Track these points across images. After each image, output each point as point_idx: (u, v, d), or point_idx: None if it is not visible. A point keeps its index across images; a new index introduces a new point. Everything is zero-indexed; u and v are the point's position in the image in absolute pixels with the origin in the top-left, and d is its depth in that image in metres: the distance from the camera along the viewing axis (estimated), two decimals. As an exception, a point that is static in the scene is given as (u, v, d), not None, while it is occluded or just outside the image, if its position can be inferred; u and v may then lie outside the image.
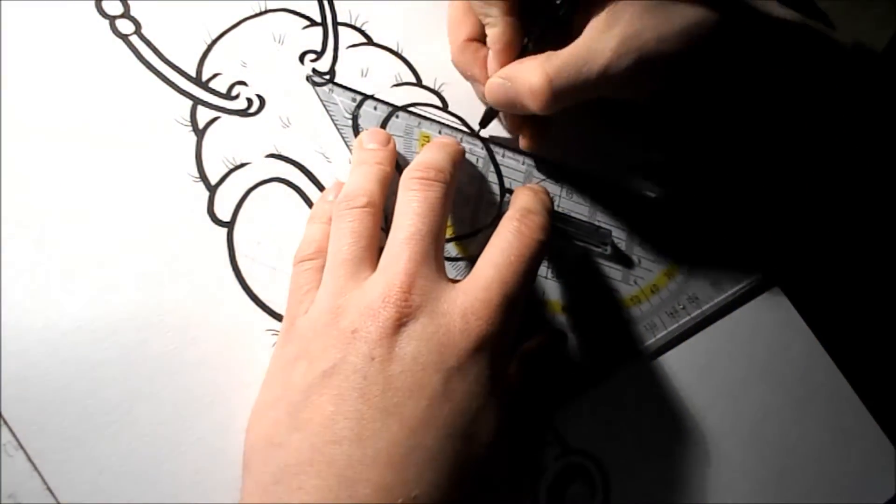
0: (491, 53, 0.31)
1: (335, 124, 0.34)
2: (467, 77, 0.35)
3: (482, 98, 0.35)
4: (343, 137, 0.34)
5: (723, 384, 0.35)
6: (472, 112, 0.36)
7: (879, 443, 0.36)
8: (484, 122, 0.35)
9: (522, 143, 0.34)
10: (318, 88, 0.34)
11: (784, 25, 0.34)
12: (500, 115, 0.35)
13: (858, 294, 0.40)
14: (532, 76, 0.29)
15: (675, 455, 0.34)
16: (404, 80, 0.35)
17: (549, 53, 0.29)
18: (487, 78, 0.32)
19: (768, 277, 0.37)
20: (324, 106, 0.34)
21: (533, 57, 0.30)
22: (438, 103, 0.35)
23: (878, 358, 0.39)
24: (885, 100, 0.37)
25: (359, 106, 0.34)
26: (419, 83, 0.35)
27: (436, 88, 0.36)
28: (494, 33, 0.31)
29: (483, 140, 0.35)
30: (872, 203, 0.40)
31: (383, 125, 0.34)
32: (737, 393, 0.35)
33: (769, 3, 0.35)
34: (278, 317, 0.31)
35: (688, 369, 0.35)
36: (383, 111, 0.35)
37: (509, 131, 0.36)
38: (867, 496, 0.35)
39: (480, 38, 0.33)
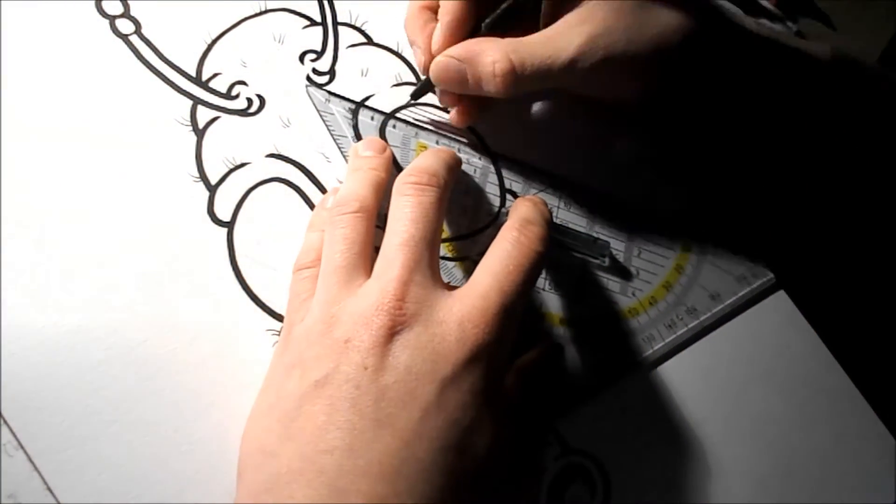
0: (439, 25, 0.31)
1: (332, 135, 0.34)
2: (411, 43, 0.34)
3: (420, 66, 0.33)
4: (340, 148, 0.34)
5: (726, 385, 0.35)
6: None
7: (884, 443, 0.36)
8: (417, 95, 0.34)
9: (454, 117, 0.33)
10: (314, 98, 0.34)
11: (760, 39, 0.34)
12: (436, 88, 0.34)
13: (862, 294, 0.40)
14: (494, 57, 0.29)
15: (677, 455, 0.34)
16: (404, 80, 0.35)
17: (513, 39, 0.29)
18: (430, 49, 0.31)
19: (768, 284, 0.37)
20: (320, 116, 0.34)
21: (492, 39, 0.29)
22: (438, 103, 0.35)
23: (882, 358, 0.38)
24: (882, 102, 0.36)
25: (355, 115, 0.34)
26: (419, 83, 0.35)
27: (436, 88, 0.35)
28: (447, 5, 0.31)
29: (485, 150, 0.35)
30: (875, 205, 0.40)
31: (380, 134, 0.34)
32: (739, 394, 0.35)
33: (746, 18, 0.34)
34: (278, 317, 0.31)
35: (691, 370, 0.35)
36: (380, 120, 0.34)
37: (443, 104, 0.35)
38: (872, 497, 0.35)
39: (437, 9, 0.32)
